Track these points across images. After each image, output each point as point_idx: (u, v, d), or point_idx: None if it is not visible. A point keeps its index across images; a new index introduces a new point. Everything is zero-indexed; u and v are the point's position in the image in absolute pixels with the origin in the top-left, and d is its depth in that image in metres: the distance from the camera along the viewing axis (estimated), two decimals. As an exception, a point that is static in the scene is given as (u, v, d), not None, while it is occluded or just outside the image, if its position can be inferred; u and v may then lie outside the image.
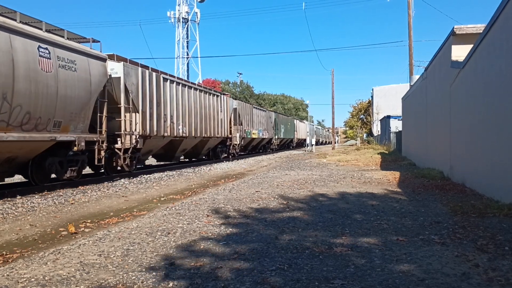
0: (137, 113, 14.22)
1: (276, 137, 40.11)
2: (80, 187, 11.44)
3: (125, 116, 13.68)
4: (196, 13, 56.33)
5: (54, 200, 9.10)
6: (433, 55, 14.31)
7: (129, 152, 13.98)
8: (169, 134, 16.59)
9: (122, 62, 13.65)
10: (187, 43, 56.30)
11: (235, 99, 30.70)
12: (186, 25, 55.70)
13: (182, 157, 21.93)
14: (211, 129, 21.54)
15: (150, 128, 14.99)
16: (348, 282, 3.64)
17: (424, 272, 3.87)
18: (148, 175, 14.84)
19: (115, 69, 13.42)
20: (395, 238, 5.17)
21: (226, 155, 25.62)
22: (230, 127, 25.46)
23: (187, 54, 55.86)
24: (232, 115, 25.98)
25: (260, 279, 3.74)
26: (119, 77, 13.47)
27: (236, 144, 26.40)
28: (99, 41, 12.71)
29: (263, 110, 35.88)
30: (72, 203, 8.87)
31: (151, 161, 21.32)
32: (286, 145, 49.65)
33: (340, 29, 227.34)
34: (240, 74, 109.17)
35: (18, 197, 9.45)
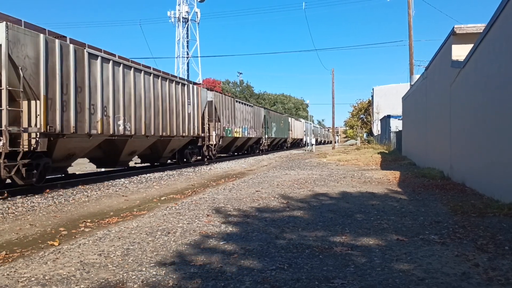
0: (37, 100, 10.00)
1: (266, 136, 35.31)
2: (80, 186, 11.45)
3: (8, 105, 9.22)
4: (196, 12, 56.32)
5: (54, 200, 9.10)
6: (434, 55, 14.31)
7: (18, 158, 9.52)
8: (99, 132, 12.17)
9: (5, 22, 9.22)
10: (187, 43, 56.29)
11: (211, 90, 23.67)
12: (186, 25, 55.69)
13: (136, 162, 18.55)
14: (173, 126, 16.93)
15: (63, 123, 10.73)
16: (348, 281, 3.64)
17: (424, 271, 3.87)
18: (148, 175, 14.84)
19: None
20: (395, 237, 5.17)
21: (199, 157, 20.97)
22: (203, 124, 20.95)
23: (187, 54, 55.85)
24: (207, 109, 21.49)
25: (260, 279, 3.74)
26: None
27: (212, 145, 22.14)
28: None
29: (249, 105, 30.56)
30: (72, 203, 8.87)
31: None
32: (279, 145, 45.09)
33: (340, 29, 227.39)
34: (240, 73, 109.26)
35: (18, 196, 9.45)
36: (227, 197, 8.83)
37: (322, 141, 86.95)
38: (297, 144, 55.99)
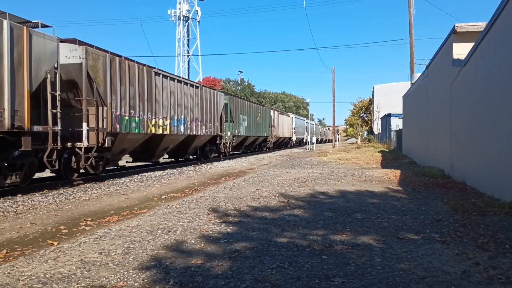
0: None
1: (229, 134, 24.59)
2: (80, 185, 11.45)
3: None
4: (197, 11, 56.27)
5: (55, 198, 9.11)
6: (434, 53, 14.29)
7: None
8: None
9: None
10: (188, 41, 56.27)
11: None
12: (187, 23, 55.66)
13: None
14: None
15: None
16: (349, 280, 3.64)
17: (424, 270, 3.87)
18: (149, 173, 14.84)
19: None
20: (396, 236, 5.17)
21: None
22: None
23: (188, 52, 55.83)
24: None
25: (261, 277, 3.74)
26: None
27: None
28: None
29: (193, 85, 19.60)
30: (72, 201, 8.88)
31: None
32: (258, 146, 34.93)
33: (341, 27, 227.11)
34: (241, 72, 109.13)
35: (19, 195, 9.46)
36: (228, 196, 8.83)
37: (322, 140, 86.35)
38: (285, 144, 47.34)
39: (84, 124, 11.78)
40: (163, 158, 20.43)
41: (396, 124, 36.55)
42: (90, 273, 3.96)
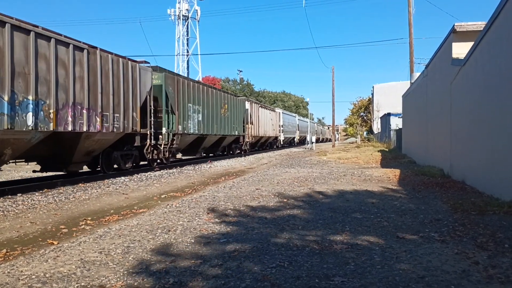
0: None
1: (165, 131, 16.68)
2: (80, 184, 11.45)
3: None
4: (197, 10, 56.23)
5: (55, 198, 9.11)
6: (434, 53, 14.30)
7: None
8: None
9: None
10: (187, 41, 56.23)
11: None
12: (186, 23, 55.63)
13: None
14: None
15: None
16: (348, 279, 3.65)
17: (424, 269, 3.88)
18: (148, 173, 14.84)
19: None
20: (395, 235, 5.18)
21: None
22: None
23: (187, 52, 55.80)
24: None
25: (260, 276, 3.75)
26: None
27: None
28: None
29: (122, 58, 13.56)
30: (72, 201, 8.88)
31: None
32: (227, 147, 26.39)
33: (340, 27, 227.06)
34: (240, 71, 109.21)
35: (19, 194, 9.46)
36: (227, 195, 8.83)
37: (321, 139, 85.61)
38: (270, 144, 39.21)
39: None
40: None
41: (396, 123, 36.56)
42: (90, 273, 3.96)
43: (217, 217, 6.53)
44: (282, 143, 43.27)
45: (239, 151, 28.13)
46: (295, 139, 53.69)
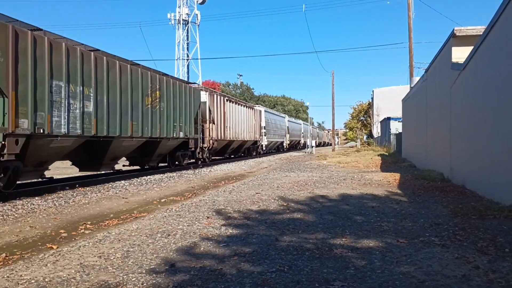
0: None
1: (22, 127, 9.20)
2: (80, 188, 11.44)
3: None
4: (197, 15, 56.35)
5: (54, 202, 9.10)
6: (434, 57, 14.33)
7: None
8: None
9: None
10: (187, 45, 56.32)
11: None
12: (187, 27, 55.75)
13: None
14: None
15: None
16: (348, 283, 3.64)
17: (424, 274, 3.87)
18: (148, 177, 14.83)
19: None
20: (395, 240, 5.17)
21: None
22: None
23: (187, 56, 55.89)
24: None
25: (260, 281, 3.74)
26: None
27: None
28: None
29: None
30: (72, 205, 8.87)
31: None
32: (171, 156, 18.08)
33: (340, 31, 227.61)
34: (240, 75, 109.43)
35: (18, 199, 9.45)
36: (227, 199, 8.82)
37: (320, 143, 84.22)
38: (247, 151, 31.47)
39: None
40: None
41: (396, 127, 36.58)
42: (90, 277, 3.95)
43: (217, 221, 6.52)
44: (265, 148, 35.33)
45: (190, 160, 20.05)
46: (284, 144, 45.41)
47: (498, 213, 6.37)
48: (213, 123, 22.00)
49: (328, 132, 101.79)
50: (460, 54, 10.65)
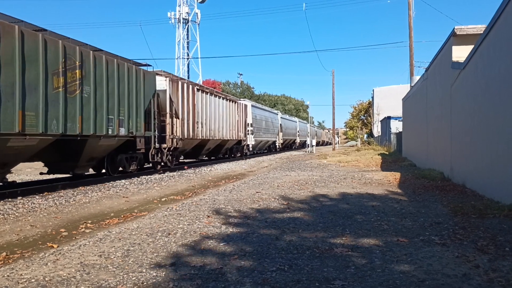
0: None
1: None
2: (80, 187, 11.45)
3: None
4: (197, 13, 56.33)
5: (55, 201, 9.11)
6: (434, 56, 14.31)
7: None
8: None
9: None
10: (188, 44, 56.30)
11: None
12: (187, 26, 55.72)
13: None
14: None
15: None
16: (349, 282, 3.64)
17: (424, 272, 3.87)
18: (148, 176, 14.84)
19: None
20: (396, 239, 5.17)
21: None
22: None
23: (188, 55, 55.86)
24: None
25: (261, 280, 3.74)
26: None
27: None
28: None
29: None
30: (72, 204, 8.87)
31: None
32: (109, 160, 13.60)
33: (340, 30, 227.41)
34: (241, 74, 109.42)
35: (19, 197, 9.45)
36: (228, 198, 8.83)
37: (319, 143, 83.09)
38: (229, 152, 26.98)
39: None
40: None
41: (396, 126, 36.56)
42: (90, 276, 3.96)
43: (217, 220, 6.52)
44: (252, 149, 30.92)
45: (137, 165, 15.13)
46: (276, 144, 41.30)
47: (498, 212, 6.37)
48: (177, 117, 17.49)
49: (328, 131, 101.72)
50: (460, 53, 10.64)
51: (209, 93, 21.81)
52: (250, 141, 29.64)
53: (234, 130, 25.88)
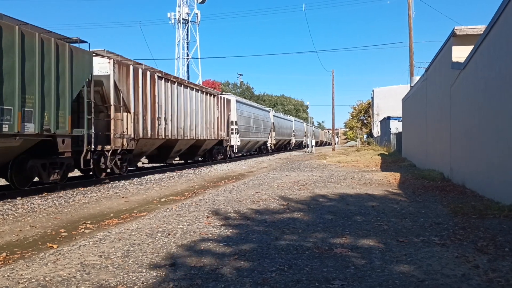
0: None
1: None
2: (80, 188, 11.44)
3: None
4: (197, 14, 56.34)
5: (54, 201, 9.10)
6: (434, 56, 14.32)
7: None
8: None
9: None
10: (187, 44, 56.31)
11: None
12: (187, 26, 55.74)
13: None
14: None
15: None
16: (348, 283, 3.64)
17: (424, 273, 3.87)
18: (148, 176, 14.83)
19: None
20: (395, 239, 5.17)
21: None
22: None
23: (187, 55, 55.87)
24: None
25: (260, 280, 3.74)
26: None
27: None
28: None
29: None
30: (72, 204, 8.87)
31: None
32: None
33: (340, 30, 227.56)
34: (241, 75, 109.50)
35: (18, 198, 9.45)
36: (227, 199, 8.83)
37: (317, 143, 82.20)
38: (207, 154, 22.95)
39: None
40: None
41: (396, 127, 36.57)
42: (90, 276, 3.96)
43: (217, 220, 6.52)
44: (236, 150, 27.38)
45: (62, 174, 11.23)
46: (268, 144, 37.44)
47: (498, 212, 6.38)
48: (128, 111, 13.88)
49: (328, 131, 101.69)
50: (460, 53, 10.64)
51: (176, 83, 17.51)
52: (235, 141, 25.92)
53: (213, 128, 21.94)
